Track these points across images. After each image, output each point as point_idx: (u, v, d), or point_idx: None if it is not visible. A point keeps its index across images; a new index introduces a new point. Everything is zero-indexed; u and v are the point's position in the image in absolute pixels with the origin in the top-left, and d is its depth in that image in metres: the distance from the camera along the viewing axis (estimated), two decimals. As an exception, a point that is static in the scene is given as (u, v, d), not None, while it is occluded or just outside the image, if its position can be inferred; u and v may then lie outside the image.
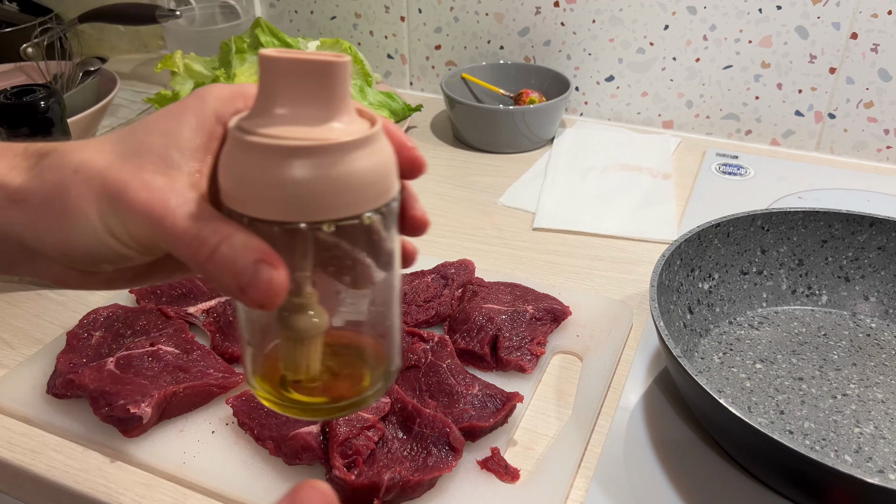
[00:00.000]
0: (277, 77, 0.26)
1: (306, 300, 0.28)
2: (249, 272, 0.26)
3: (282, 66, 0.26)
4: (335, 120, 0.27)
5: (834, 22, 0.84)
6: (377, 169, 0.27)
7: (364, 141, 0.26)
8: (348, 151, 0.26)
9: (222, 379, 0.52)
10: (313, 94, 0.26)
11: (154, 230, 0.27)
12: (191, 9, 1.09)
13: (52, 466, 0.48)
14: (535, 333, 0.55)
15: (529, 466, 0.47)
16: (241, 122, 0.27)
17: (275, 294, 0.26)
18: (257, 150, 0.26)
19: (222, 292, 0.28)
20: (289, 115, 0.26)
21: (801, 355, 0.56)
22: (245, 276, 0.26)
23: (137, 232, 0.27)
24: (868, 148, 0.89)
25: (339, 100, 0.27)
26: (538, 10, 0.97)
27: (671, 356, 0.46)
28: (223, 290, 0.27)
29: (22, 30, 1.04)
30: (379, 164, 0.27)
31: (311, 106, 0.26)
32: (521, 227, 0.75)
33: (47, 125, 0.63)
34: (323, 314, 0.29)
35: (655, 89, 0.96)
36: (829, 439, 0.49)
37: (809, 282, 0.61)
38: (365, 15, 1.08)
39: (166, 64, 0.88)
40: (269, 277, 0.26)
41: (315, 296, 0.29)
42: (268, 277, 0.26)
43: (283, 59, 0.26)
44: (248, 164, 0.26)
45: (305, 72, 0.26)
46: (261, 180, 0.26)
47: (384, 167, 0.27)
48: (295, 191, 0.26)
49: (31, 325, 0.61)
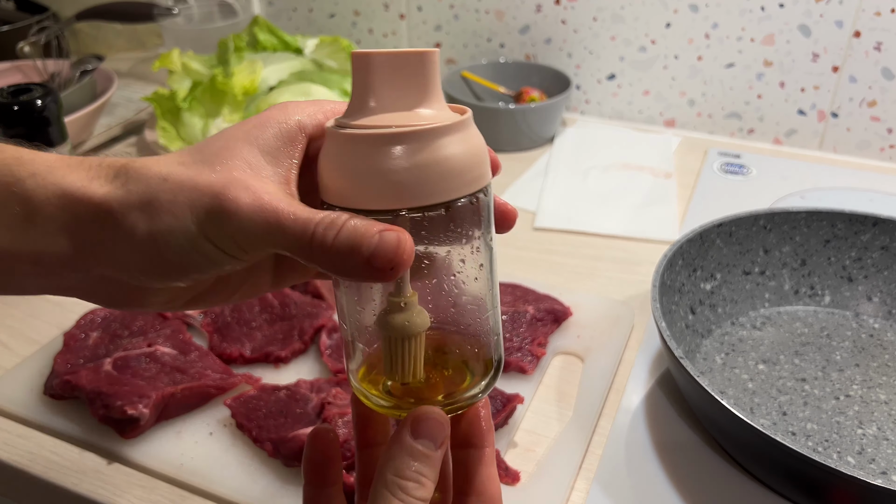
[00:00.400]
0: (370, 73, 0.27)
1: (407, 299, 0.29)
2: (375, 240, 0.26)
3: (375, 62, 0.27)
4: (428, 107, 0.27)
5: (837, 20, 0.83)
6: (471, 154, 0.27)
7: (457, 126, 0.27)
8: (442, 136, 0.26)
9: (220, 380, 0.51)
10: (405, 84, 0.27)
11: (268, 226, 0.26)
12: (188, 7, 1.09)
13: (49, 468, 0.48)
14: (535, 334, 0.55)
15: (530, 468, 0.47)
16: (337, 120, 0.28)
17: (405, 252, 0.26)
18: (353, 141, 0.27)
19: (341, 276, 0.28)
20: (382, 106, 0.27)
21: (804, 356, 0.56)
22: (371, 245, 0.26)
23: (243, 233, 0.27)
24: (871, 147, 0.88)
25: (431, 89, 0.27)
26: (539, 7, 0.96)
27: (673, 357, 0.46)
28: (343, 272, 0.27)
29: (19, 28, 1.04)
30: (472, 150, 0.28)
31: (404, 97, 0.27)
32: (522, 227, 0.75)
33: (44, 124, 0.63)
34: (423, 313, 0.29)
35: (657, 88, 0.95)
36: (832, 441, 0.49)
37: (812, 282, 0.61)
38: (364, 13, 1.07)
39: (164, 62, 0.87)
40: (397, 238, 0.26)
41: (415, 295, 0.29)
42: (395, 238, 0.26)
43: (375, 55, 0.27)
44: (345, 156, 0.27)
45: (398, 64, 0.27)
46: (358, 170, 0.26)
47: (478, 153, 0.28)
48: (394, 177, 0.26)
49: (27, 326, 0.61)
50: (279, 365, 0.55)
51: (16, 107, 0.61)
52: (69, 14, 1.03)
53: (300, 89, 0.83)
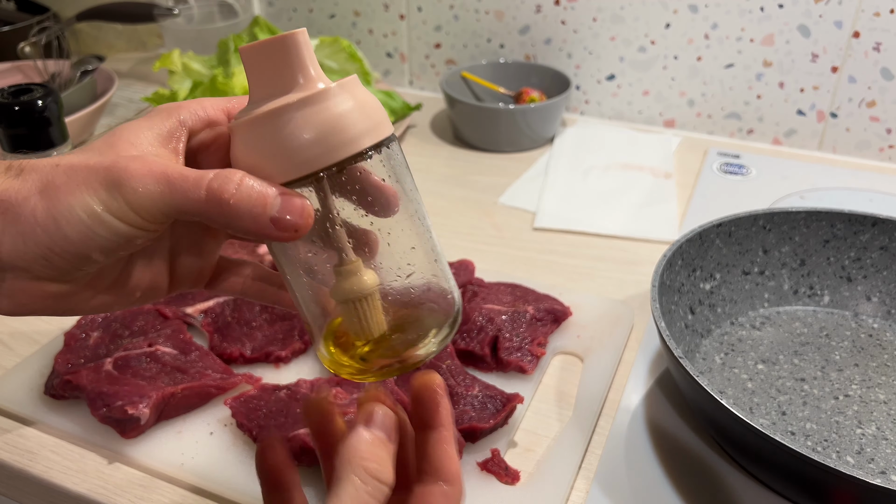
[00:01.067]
0: (249, 65, 0.29)
1: (352, 265, 0.31)
2: (277, 201, 0.28)
3: (247, 54, 0.29)
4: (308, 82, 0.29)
5: (836, 20, 0.83)
6: (362, 109, 0.29)
7: (336, 89, 0.29)
8: (325, 99, 0.29)
9: (220, 380, 0.52)
10: (280, 67, 0.29)
11: (161, 188, 0.28)
12: (189, 7, 1.09)
13: (50, 468, 0.48)
14: (535, 334, 0.55)
15: (530, 468, 0.47)
16: (235, 116, 0.31)
17: (308, 215, 0.28)
18: (247, 127, 0.29)
19: (247, 235, 0.29)
20: (268, 93, 0.29)
21: (803, 356, 0.56)
22: (274, 206, 0.28)
23: (139, 199, 0.28)
24: (870, 147, 0.89)
25: (307, 63, 0.29)
26: (539, 8, 0.97)
27: (672, 357, 0.46)
28: (248, 230, 0.28)
29: (19, 28, 1.04)
30: (362, 105, 0.29)
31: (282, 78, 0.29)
32: (522, 227, 0.75)
33: (44, 124, 0.63)
34: (371, 272, 0.31)
35: (657, 88, 0.95)
36: (831, 440, 0.49)
37: (811, 282, 0.61)
38: (364, 13, 1.07)
39: (164, 63, 0.88)
40: (301, 202, 0.28)
41: (359, 260, 0.31)
42: (299, 202, 0.28)
43: (245, 48, 0.29)
44: (243, 143, 0.29)
45: (265, 51, 0.29)
46: (259, 150, 0.29)
47: (369, 108, 0.30)
48: (291, 145, 0.28)
49: (28, 325, 0.61)
50: (279, 365, 0.55)
51: (16, 107, 0.61)
52: (70, 14, 1.03)
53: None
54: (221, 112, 0.32)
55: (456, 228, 0.75)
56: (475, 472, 0.46)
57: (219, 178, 0.28)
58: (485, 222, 0.76)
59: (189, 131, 0.31)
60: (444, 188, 0.82)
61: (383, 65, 1.10)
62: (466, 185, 0.83)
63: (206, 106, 0.32)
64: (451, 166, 0.87)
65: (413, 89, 1.10)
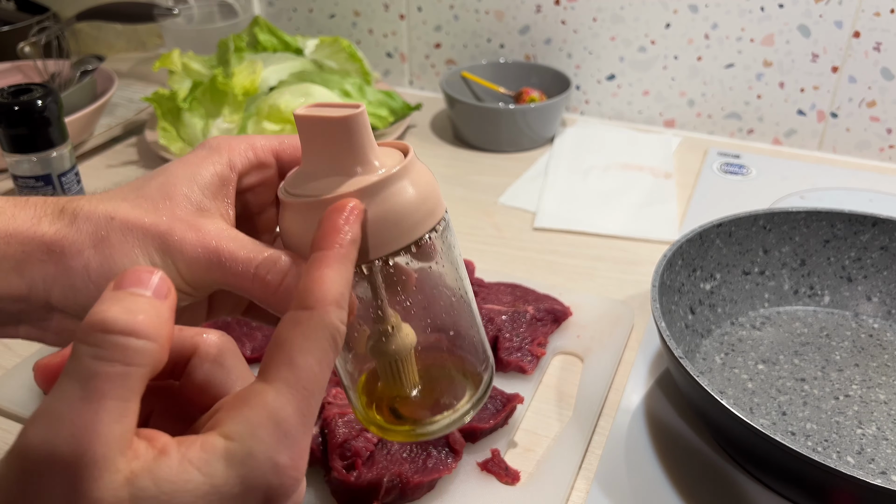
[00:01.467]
0: (303, 134, 0.29)
1: (392, 323, 0.31)
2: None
3: (302, 123, 0.28)
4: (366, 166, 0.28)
5: (836, 20, 0.83)
6: (420, 193, 0.29)
7: (396, 177, 0.28)
8: (385, 187, 0.28)
9: (220, 380, 0.51)
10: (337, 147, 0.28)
11: (210, 265, 0.28)
12: (189, 7, 1.09)
13: (49, 468, 0.48)
14: (535, 334, 0.55)
15: (530, 468, 0.47)
16: (286, 183, 0.30)
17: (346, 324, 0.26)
18: (303, 209, 0.28)
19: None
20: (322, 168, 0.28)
21: (804, 356, 0.56)
22: None
23: (190, 270, 0.28)
24: (871, 147, 0.89)
25: (365, 146, 0.29)
26: (539, 8, 0.97)
27: (673, 357, 0.46)
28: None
29: (19, 28, 1.04)
30: (420, 190, 0.29)
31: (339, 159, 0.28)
32: (522, 227, 0.75)
33: (44, 124, 0.63)
34: (409, 331, 0.31)
35: (657, 88, 0.95)
36: (832, 441, 0.49)
37: (812, 282, 0.61)
38: (364, 13, 1.07)
39: (164, 63, 0.88)
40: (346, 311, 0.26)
41: (397, 317, 0.31)
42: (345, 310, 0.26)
43: (302, 118, 0.28)
44: (296, 222, 0.29)
45: (322, 126, 0.28)
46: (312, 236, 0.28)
47: (425, 190, 0.30)
48: None
49: (28, 325, 0.61)
50: (279, 365, 0.55)
51: (16, 107, 0.61)
52: (69, 14, 1.03)
53: (300, 90, 0.83)
54: (271, 154, 0.32)
55: (456, 228, 0.74)
56: (475, 472, 0.46)
57: (267, 263, 0.28)
58: (485, 222, 0.76)
59: (239, 175, 0.31)
60: (444, 188, 0.81)
61: (383, 65, 1.10)
62: (466, 185, 0.83)
63: (256, 147, 0.32)
64: (451, 166, 0.87)
65: (413, 89, 1.10)
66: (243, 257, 0.28)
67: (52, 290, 0.28)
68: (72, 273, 0.27)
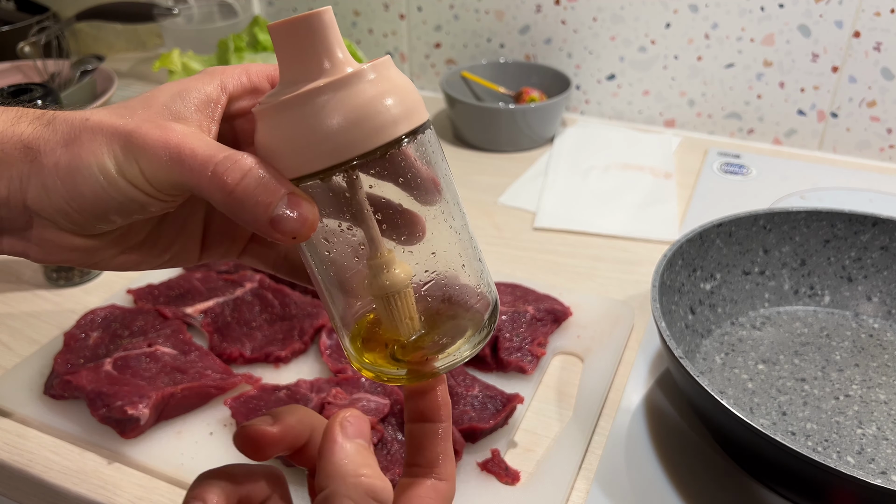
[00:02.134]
0: (277, 44, 0.28)
1: (385, 258, 0.29)
2: (283, 201, 0.26)
3: (275, 32, 0.27)
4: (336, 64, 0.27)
5: (836, 20, 0.83)
6: (395, 93, 0.27)
7: (367, 71, 0.27)
8: (356, 83, 0.27)
9: (220, 380, 0.51)
10: (307, 48, 0.27)
11: (172, 161, 0.27)
12: (188, 7, 1.09)
13: (49, 468, 0.48)
14: (535, 334, 0.55)
15: (530, 468, 0.47)
16: (262, 99, 0.29)
17: (310, 225, 0.27)
18: (271, 112, 0.27)
19: (246, 227, 0.28)
20: (295, 76, 0.27)
21: (804, 356, 0.56)
22: (279, 206, 0.26)
23: (151, 167, 0.27)
24: (871, 147, 0.88)
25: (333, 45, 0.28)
26: (539, 7, 0.96)
27: (673, 357, 0.46)
28: (246, 223, 0.27)
29: (19, 28, 1.04)
30: (395, 89, 0.27)
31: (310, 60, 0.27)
32: (522, 227, 0.75)
33: (44, 124, 0.63)
34: (404, 266, 0.29)
35: (657, 88, 0.95)
36: (832, 441, 0.49)
37: (812, 282, 0.61)
38: (364, 13, 1.07)
39: (164, 62, 0.88)
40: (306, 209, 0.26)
41: (392, 252, 0.29)
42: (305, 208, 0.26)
43: (273, 26, 0.28)
44: (267, 128, 0.27)
45: (291, 30, 0.27)
46: (283, 138, 0.27)
47: (402, 91, 0.28)
48: (319, 133, 0.26)
49: (27, 325, 0.61)
50: (279, 365, 0.55)
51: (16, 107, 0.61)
52: (69, 14, 1.03)
53: (300, 89, 0.83)
54: (265, 79, 0.31)
55: (456, 228, 0.75)
56: (475, 472, 0.46)
57: (227, 161, 0.27)
58: (485, 222, 0.76)
59: (230, 97, 0.30)
60: (444, 188, 0.82)
61: (383, 65, 1.10)
62: (466, 185, 0.83)
63: (251, 72, 0.31)
64: (451, 166, 0.87)
65: (413, 89, 1.10)
66: (203, 153, 0.27)
67: (27, 191, 0.28)
68: (43, 171, 0.27)
